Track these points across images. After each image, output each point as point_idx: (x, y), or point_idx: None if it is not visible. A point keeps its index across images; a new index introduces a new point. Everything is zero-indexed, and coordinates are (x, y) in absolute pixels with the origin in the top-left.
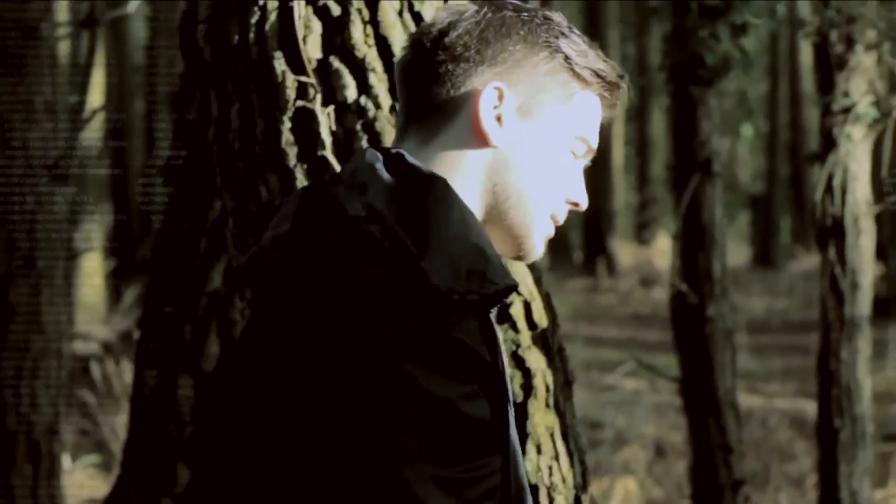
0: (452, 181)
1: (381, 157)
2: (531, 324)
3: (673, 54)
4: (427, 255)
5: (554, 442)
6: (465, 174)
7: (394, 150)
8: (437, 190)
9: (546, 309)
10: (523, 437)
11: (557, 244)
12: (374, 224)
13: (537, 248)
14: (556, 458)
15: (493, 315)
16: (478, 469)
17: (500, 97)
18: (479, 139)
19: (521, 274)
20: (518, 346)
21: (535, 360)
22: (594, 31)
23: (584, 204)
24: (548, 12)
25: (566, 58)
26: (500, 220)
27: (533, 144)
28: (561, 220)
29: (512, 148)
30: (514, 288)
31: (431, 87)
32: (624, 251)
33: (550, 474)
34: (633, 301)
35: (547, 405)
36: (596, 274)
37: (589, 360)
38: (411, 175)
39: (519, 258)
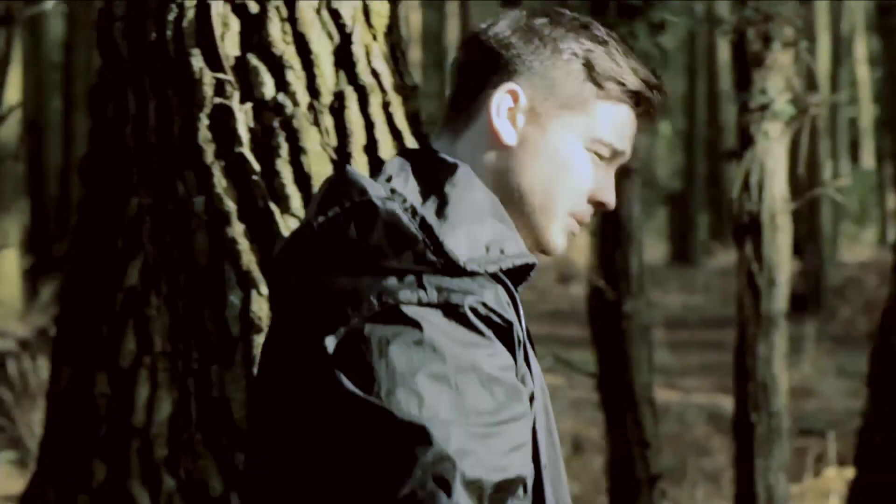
0: (484, 177)
1: (412, 153)
2: None
3: None
4: (446, 225)
5: None
6: (483, 171)
7: (424, 147)
8: (459, 174)
9: None
10: None
11: None
12: (395, 201)
13: (557, 243)
14: None
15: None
16: (503, 424)
17: (515, 99)
18: (494, 139)
19: None
20: None
21: None
22: None
23: (610, 204)
24: (588, 20)
25: (587, 66)
26: (518, 216)
27: (547, 147)
28: (585, 218)
29: (526, 149)
30: (533, 265)
31: (462, 87)
32: None
33: None
34: (551, 297)
35: None
36: None
37: None
38: (436, 163)
39: (542, 251)
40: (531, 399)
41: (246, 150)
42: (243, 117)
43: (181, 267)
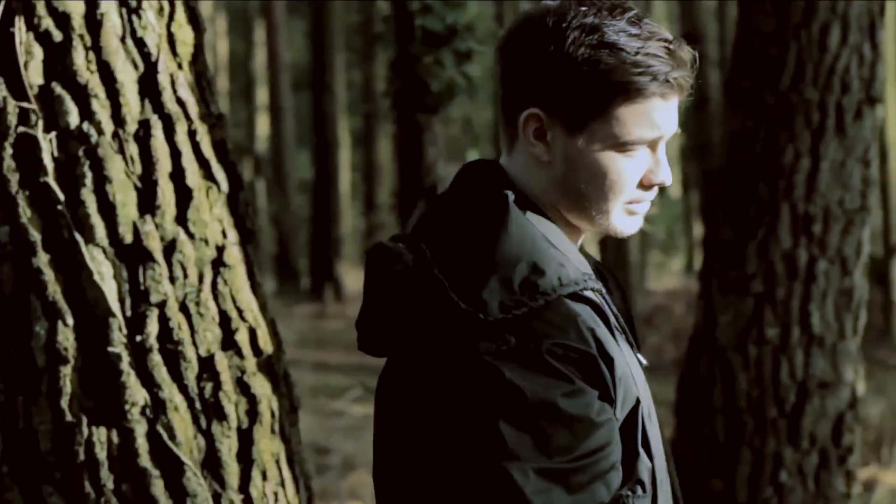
0: (527, 187)
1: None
2: (256, 350)
3: (398, 81)
4: (475, 281)
5: (280, 468)
6: (535, 183)
7: (493, 160)
8: (494, 210)
9: (271, 335)
10: (247, 462)
11: (284, 270)
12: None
13: (623, 229)
14: (282, 484)
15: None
16: (583, 459)
17: (539, 121)
18: (534, 158)
19: (246, 301)
20: (243, 372)
21: (261, 386)
22: (321, 57)
23: (667, 181)
24: (611, 5)
25: (599, 74)
26: (577, 217)
27: (581, 157)
28: (644, 199)
29: (566, 161)
30: (576, 284)
31: (503, 99)
32: (351, 277)
33: (276, 500)
34: None
35: (272, 431)
36: (323, 299)
37: (316, 386)
38: (475, 196)
39: (621, 235)
40: (637, 404)
41: (51, 180)
42: (48, 146)
43: None
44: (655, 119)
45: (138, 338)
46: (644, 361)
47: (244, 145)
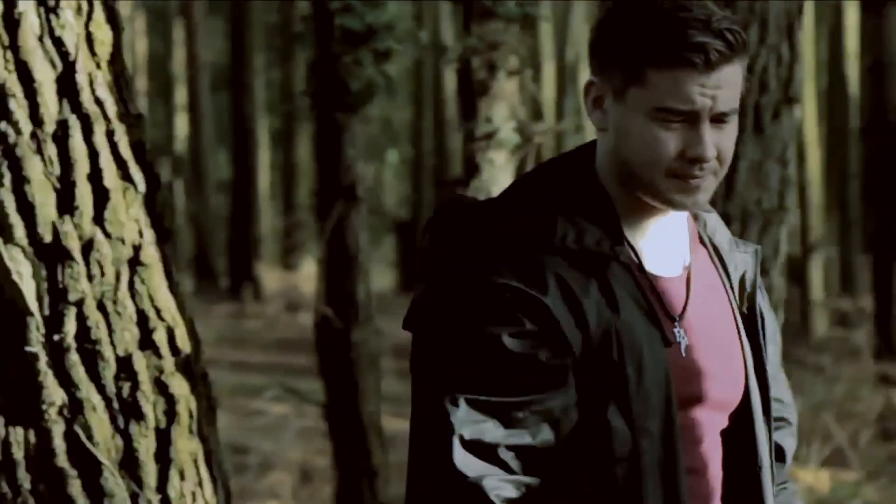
0: (598, 158)
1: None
2: (174, 350)
3: (317, 81)
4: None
5: (197, 468)
6: (601, 153)
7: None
8: (546, 172)
9: (189, 335)
10: (165, 462)
11: (202, 269)
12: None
13: (680, 202)
14: (200, 484)
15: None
16: (522, 395)
17: (594, 87)
18: (597, 127)
19: (164, 300)
20: (161, 372)
21: (179, 386)
22: (240, 57)
23: (704, 157)
24: None
25: (635, 40)
26: (634, 187)
27: (626, 123)
28: (692, 172)
29: (615, 128)
30: (570, 242)
31: None
32: (270, 276)
33: (194, 500)
34: (280, 326)
35: (190, 431)
36: (242, 299)
37: (235, 386)
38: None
39: (678, 209)
40: (620, 368)
41: None
42: None
43: None
44: (689, 91)
45: (56, 337)
46: (679, 338)
47: (163, 145)
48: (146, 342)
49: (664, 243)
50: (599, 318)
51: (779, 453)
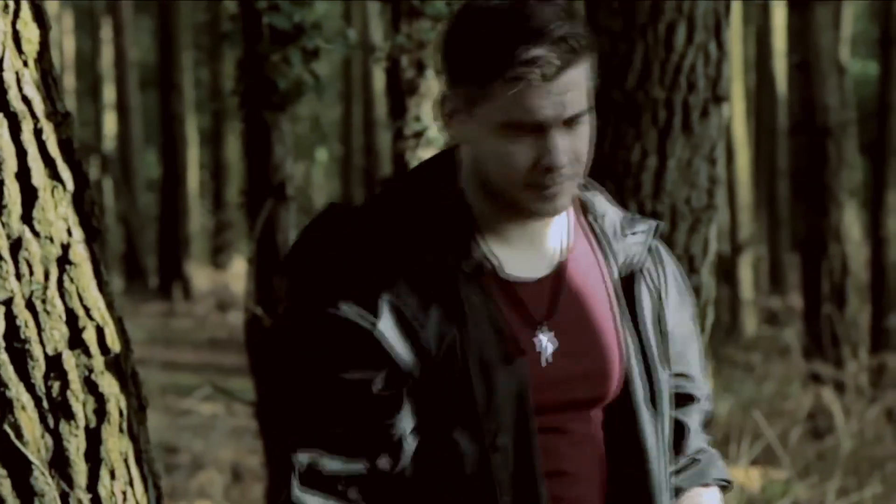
0: (465, 169)
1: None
2: (104, 348)
3: (245, 79)
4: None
5: (128, 467)
6: (466, 164)
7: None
8: (408, 181)
9: (119, 334)
10: (96, 461)
11: (132, 268)
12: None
13: (540, 211)
14: (130, 483)
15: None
16: (357, 427)
17: (447, 101)
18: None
19: (93, 299)
20: (91, 371)
21: (108, 385)
22: (168, 55)
23: (558, 164)
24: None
25: (474, 58)
26: (496, 198)
27: (479, 138)
28: (547, 182)
29: (469, 142)
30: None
31: None
32: (200, 275)
33: (125, 499)
34: (210, 325)
35: (120, 430)
36: (172, 298)
37: (165, 385)
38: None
39: (542, 217)
40: (452, 381)
41: None
42: None
43: None
44: (534, 104)
45: None
46: (539, 347)
47: (91, 144)
48: (76, 341)
49: (533, 247)
50: (441, 338)
51: (680, 430)
